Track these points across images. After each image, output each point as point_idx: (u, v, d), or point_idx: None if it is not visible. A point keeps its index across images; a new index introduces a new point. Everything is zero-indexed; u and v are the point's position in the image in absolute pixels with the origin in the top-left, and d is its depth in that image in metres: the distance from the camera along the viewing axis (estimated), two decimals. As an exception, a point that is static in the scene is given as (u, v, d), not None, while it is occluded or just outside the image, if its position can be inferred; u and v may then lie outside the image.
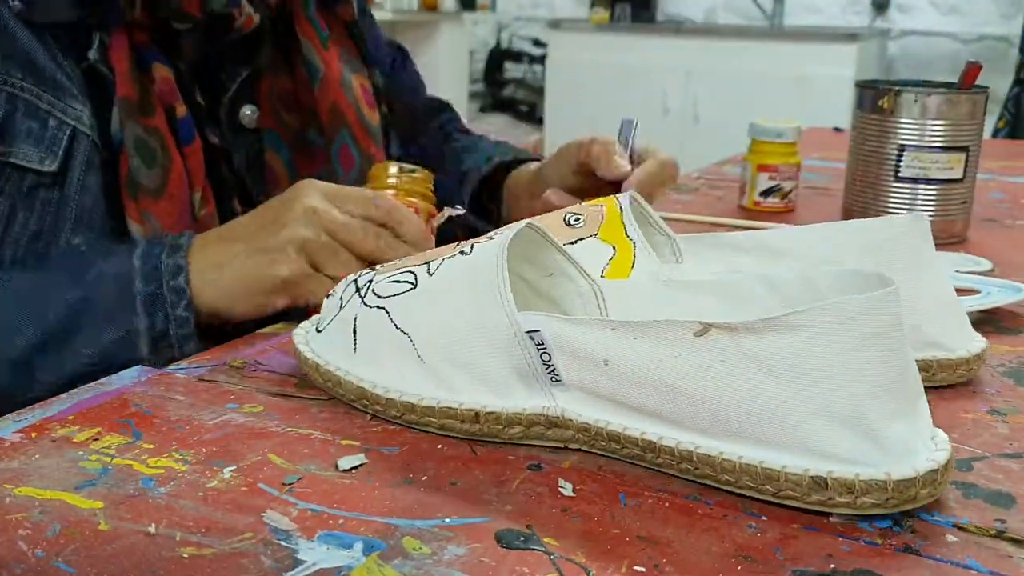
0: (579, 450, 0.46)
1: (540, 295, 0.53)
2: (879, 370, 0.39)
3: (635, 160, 0.80)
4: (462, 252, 0.50)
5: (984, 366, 0.57)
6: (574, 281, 0.52)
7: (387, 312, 0.50)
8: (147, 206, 0.68)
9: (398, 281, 0.51)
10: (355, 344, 0.51)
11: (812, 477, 0.40)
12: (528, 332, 0.45)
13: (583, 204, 0.59)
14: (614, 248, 0.56)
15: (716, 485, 0.43)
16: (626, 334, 0.43)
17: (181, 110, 0.70)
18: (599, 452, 0.46)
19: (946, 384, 0.54)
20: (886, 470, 0.39)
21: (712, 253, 0.60)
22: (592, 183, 0.80)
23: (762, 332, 0.40)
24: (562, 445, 0.47)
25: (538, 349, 0.45)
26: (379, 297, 0.51)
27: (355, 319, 0.51)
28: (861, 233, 0.55)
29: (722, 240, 0.60)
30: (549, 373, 0.46)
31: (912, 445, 0.40)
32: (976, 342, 0.56)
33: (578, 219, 0.58)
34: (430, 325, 0.48)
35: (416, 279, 0.50)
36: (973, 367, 0.55)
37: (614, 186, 0.78)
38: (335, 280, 0.61)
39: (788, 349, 0.40)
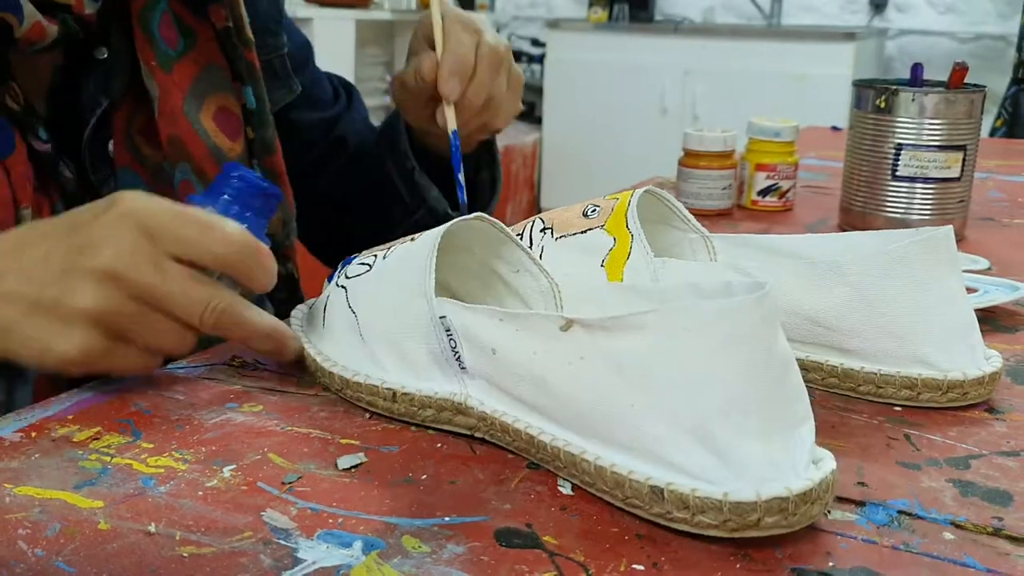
0: (483, 440, 0.47)
1: (511, 290, 0.54)
2: (731, 383, 0.37)
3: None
4: (412, 239, 0.52)
5: (991, 394, 0.53)
6: (536, 278, 0.53)
7: (346, 291, 0.53)
8: None
9: (363, 263, 0.53)
10: (324, 320, 0.54)
11: (651, 487, 0.39)
12: (440, 317, 0.47)
13: (604, 197, 0.61)
14: (615, 239, 0.57)
15: (582, 487, 0.42)
16: (509, 325, 0.44)
17: None
18: (497, 443, 0.46)
19: (935, 406, 0.51)
20: (724, 490, 0.37)
21: (738, 252, 0.60)
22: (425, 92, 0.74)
23: (613, 330, 0.39)
24: (469, 432, 0.47)
25: (447, 335, 0.47)
26: (346, 278, 0.53)
27: (328, 297, 0.55)
28: (885, 242, 0.54)
29: (750, 241, 0.60)
30: (457, 359, 0.47)
31: (768, 469, 0.38)
32: (977, 368, 0.52)
33: (595, 210, 0.59)
34: (371, 307, 0.51)
35: (373, 263, 0.52)
36: (969, 392, 0.51)
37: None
38: (149, 352, 0.50)
39: (635, 350, 0.39)
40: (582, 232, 0.59)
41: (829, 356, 0.54)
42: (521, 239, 0.61)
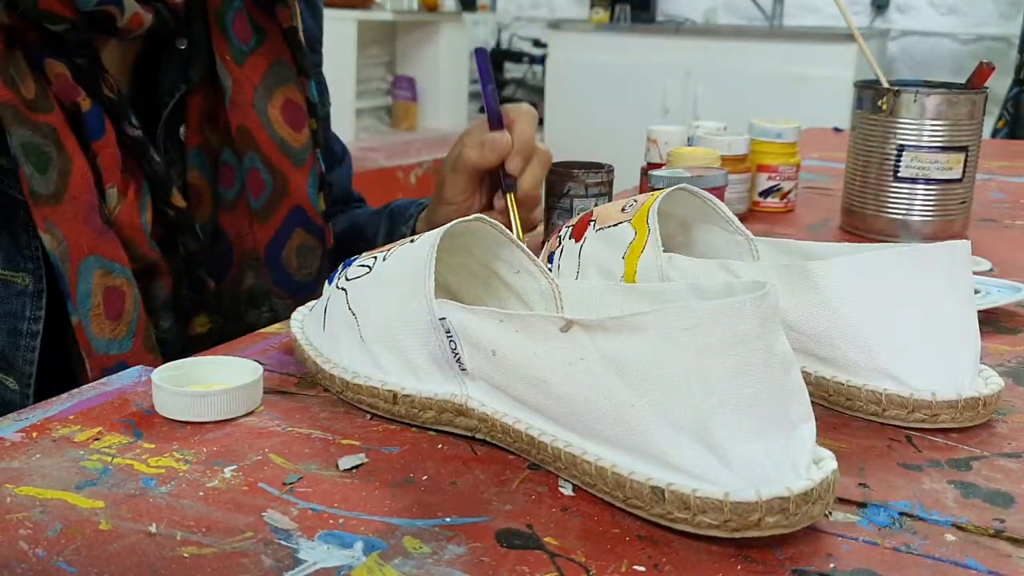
0: (484, 441, 0.47)
1: (511, 291, 0.54)
2: (730, 383, 0.37)
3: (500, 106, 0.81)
4: (411, 240, 0.52)
5: (983, 418, 0.49)
6: (536, 279, 0.53)
7: (346, 293, 0.53)
8: (47, 214, 0.65)
9: (363, 265, 0.53)
10: (324, 322, 0.54)
11: (652, 487, 0.39)
12: (440, 319, 0.46)
13: (645, 193, 0.61)
14: (635, 233, 0.57)
15: (583, 487, 0.42)
16: (509, 326, 0.44)
17: (85, 104, 0.67)
18: (498, 444, 0.46)
19: (901, 424, 0.49)
20: (725, 490, 0.37)
21: (782, 258, 0.59)
22: (490, 180, 0.82)
23: (613, 331, 0.39)
24: (470, 434, 0.47)
25: (447, 336, 0.46)
26: (346, 280, 0.53)
27: (328, 299, 0.54)
28: (908, 255, 0.50)
29: (791, 247, 0.59)
30: (457, 361, 0.47)
31: (769, 469, 0.38)
32: (954, 391, 0.49)
33: (632, 205, 0.60)
34: (371, 308, 0.51)
35: (373, 264, 0.52)
36: (940, 414, 0.49)
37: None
38: None
39: (635, 350, 0.39)
40: (615, 225, 0.59)
41: (806, 363, 0.52)
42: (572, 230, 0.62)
